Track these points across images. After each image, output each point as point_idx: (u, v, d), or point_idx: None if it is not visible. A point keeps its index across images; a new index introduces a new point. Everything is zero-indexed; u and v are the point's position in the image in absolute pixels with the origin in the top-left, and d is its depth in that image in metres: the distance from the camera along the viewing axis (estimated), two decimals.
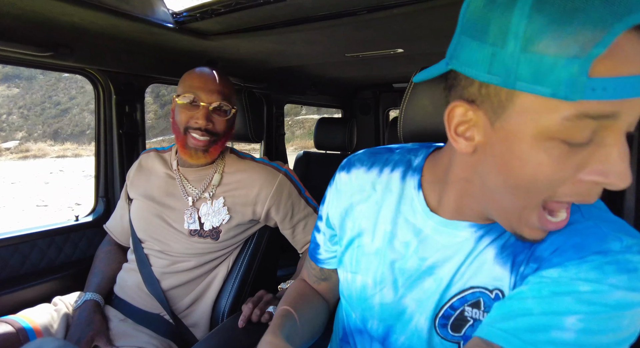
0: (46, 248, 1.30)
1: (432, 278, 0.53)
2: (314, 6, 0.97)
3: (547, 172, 0.38)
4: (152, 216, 1.12)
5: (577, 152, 0.37)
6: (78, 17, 0.95)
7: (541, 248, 0.45)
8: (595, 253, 0.41)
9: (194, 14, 1.06)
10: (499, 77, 0.36)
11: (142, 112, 1.50)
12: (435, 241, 0.53)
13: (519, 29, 0.34)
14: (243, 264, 1.15)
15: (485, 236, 0.50)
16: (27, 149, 17.58)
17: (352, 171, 0.64)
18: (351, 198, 0.63)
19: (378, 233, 0.59)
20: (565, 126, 0.35)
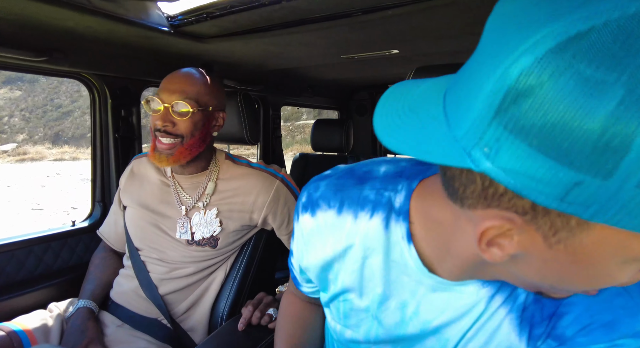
0: (42, 253, 1.29)
1: (437, 338, 0.46)
2: (309, 8, 0.97)
3: (616, 283, 0.32)
4: (147, 224, 1.10)
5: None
6: (72, 21, 0.95)
7: (563, 324, 0.39)
8: (627, 337, 0.36)
9: (189, 17, 1.06)
10: (583, 209, 0.26)
11: (138, 117, 1.50)
12: (437, 301, 0.45)
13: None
14: (241, 267, 1.14)
15: (497, 295, 0.43)
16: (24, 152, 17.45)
17: (318, 213, 0.51)
18: (324, 250, 0.51)
19: (367, 293, 0.49)
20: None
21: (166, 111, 0.98)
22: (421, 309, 0.46)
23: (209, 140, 1.07)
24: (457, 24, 1.08)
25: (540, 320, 0.41)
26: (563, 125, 0.23)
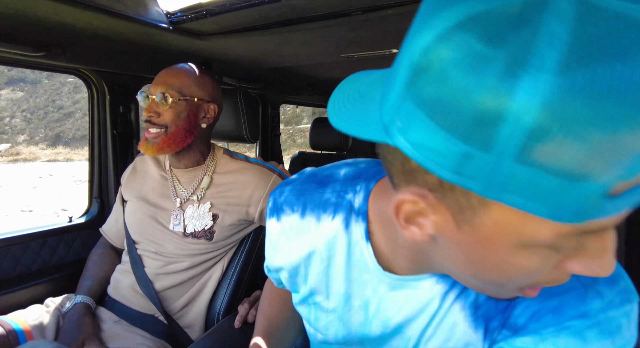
0: (39, 249, 1.28)
1: (400, 337, 0.47)
2: (308, 7, 0.97)
3: (525, 273, 0.33)
4: (145, 217, 1.11)
5: (562, 252, 0.31)
6: (71, 17, 0.95)
7: (516, 314, 0.40)
8: (574, 318, 0.37)
9: (188, 14, 1.05)
10: (474, 183, 0.27)
11: (136, 113, 1.50)
12: (396, 299, 0.46)
13: (518, 133, 0.23)
14: (238, 264, 1.14)
15: (451, 292, 0.44)
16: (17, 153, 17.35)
17: (283, 218, 0.53)
18: (291, 254, 0.52)
19: (332, 294, 0.50)
20: (557, 240, 0.29)
21: (152, 102, 1.03)
22: (382, 307, 0.47)
23: (197, 132, 1.08)
24: None
25: (494, 314, 0.42)
26: (453, 97, 0.25)
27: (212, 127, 1.14)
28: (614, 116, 0.22)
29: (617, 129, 0.22)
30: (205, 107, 1.08)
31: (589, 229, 0.28)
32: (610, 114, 0.22)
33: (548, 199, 0.25)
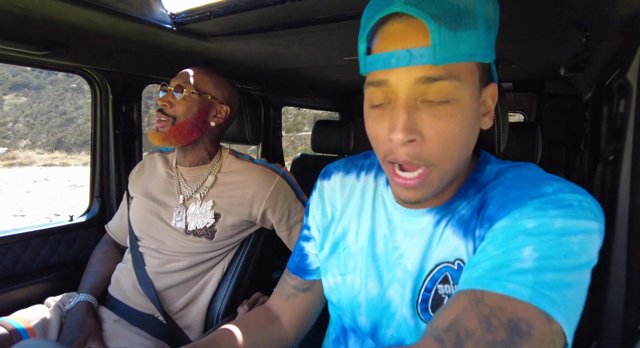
0: (40, 248, 1.29)
1: (401, 268, 0.58)
2: (312, 9, 0.97)
3: (372, 132, 0.50)
4: (149, 213, 1.12)
5: (384, 115, 0.48)
6: (75, 16, 0.95)
7: (489, 209, 0.50)
8: (533, 198, 0.45)
9: (192, 15, 1.06)
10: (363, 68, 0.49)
11: (139, 113, 1.50)
12: (402, 230, 0.59)
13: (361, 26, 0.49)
14: (239, 266, 1.14)
15: (442, 220, 0.56)
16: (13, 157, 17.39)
17: (332, 177, 0.70)
18: (334, 202, 0.68)
19: (362, 231, 0.63)
20: (367, 92, 0.48)
21: (168, 92, 1.07)
22: (390, 237, 0.60)
23: (205, 128, 1.10)
24: None
25: (471, 217, 0.52)
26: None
27: (223, 129, 1.16)
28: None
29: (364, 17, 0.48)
30: (218, 107, 1.11)
31: (371, 81, 0.47)
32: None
33: (360, 62, 0.48)
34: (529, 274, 0.41)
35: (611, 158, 0.75)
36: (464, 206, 0.54)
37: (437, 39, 0.42)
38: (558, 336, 0.39)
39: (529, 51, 1.35)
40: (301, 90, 2.28)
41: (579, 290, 0.42)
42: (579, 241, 0.42)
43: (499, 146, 0.71)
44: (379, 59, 0.45)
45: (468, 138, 0.48)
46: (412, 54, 0.43)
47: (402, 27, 0.44)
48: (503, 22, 1.04)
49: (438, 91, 0.44)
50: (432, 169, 0.48)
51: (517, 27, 1.07)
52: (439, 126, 0.45)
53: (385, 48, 0.45)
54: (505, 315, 0.39)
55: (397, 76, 0.44)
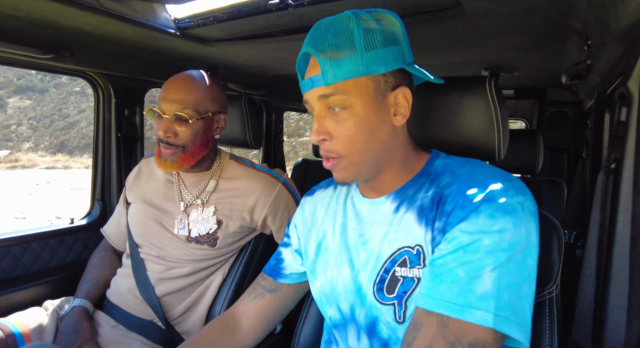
0: (40, 250, 1.28)
1: (365, 251, 0.65)
2: (315, 15, 0.98)
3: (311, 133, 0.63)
4: (149, 220, 1.11)
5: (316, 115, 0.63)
6: (80, 21, 0.96)
7: (446, 205, 0.57)
8: (486, 200, 0.54)
9: (196, 20, 1.07)
10: None
11: (141, 116, 1.50)
12: (369, 219, 0.67)
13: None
14: (238, 271, 1.14)
15: (402, 205, 0.64)
16: (16, 159, 17.36)
17: (315, 193, 0.82)
18: (314, 211, 0.79)
19: (336, 228, 0.72)
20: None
21: (168, 122, 0.99)
22: (358, 227, 0.68)
23: (211, 144, 1.09)
24: (462, 35, 1.09)
25: (431, 209, 0.60)
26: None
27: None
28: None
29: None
30: (217, 118, 1.07)
31: (304, 100, 0.64)
32: None
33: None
34: (490, 299, 0.49)
35: (613, 166, 0.75)
36: (422, 195, 0.63)
37: (323, 67, 0.58)
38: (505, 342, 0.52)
39: (530, 58, 1.36)
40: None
41: (530, 298, 0.52)
42: (524, 249, 0.52)
43: (499, 153, 0.71)
44: (301, 84, 0.63)
45: (369, 134, 0.61)
46: (312, 80, 0.60)
47: (311, 61, 0.62)
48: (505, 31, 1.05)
49: (333, 103, 0.60)
50: (343, 159, 0.62)
51: (520, 36, 1.07)
52: (340, 127, 0.60)
53: (304, 77, 0.63)
54: (466, 339, 0.49)
55: (309, 95, 0.62)
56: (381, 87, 0.60)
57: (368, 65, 0.58)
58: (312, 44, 0.60)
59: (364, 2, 0.87)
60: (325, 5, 0.90)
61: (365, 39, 0.58)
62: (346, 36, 0.58)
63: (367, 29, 0.59)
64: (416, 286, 0.58)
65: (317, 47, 0.59)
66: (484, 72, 1.66)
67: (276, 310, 0.83)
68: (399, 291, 0.59)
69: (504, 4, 0.83)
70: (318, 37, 0.60)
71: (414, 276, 0.58)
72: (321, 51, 0.58)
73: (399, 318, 0.59)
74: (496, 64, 1.55)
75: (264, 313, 0.82)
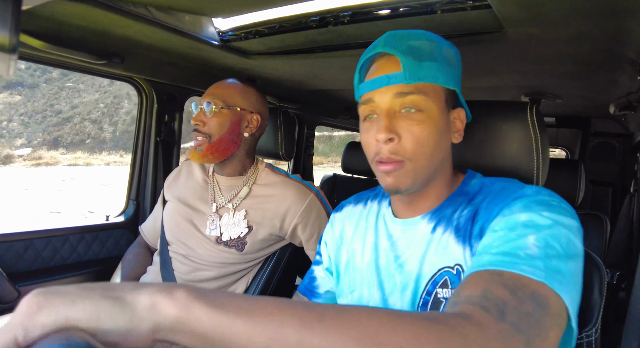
0: (77, 243, 1.35)
1: (402, 274, 0.64)
2: (354, 34, 0.99)
3: (365, 141, 0.63)
4: (182, 219, 1.14)
5: (372, 126, 0.61)
6: (132, 29, 1.02)
7: (480, 217, 0.57)
8: (516, 198, 0.54)
9: (239, 33, 1.11)
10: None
11: (180, 123, 1.57)
12: (404, 240, 0.66)
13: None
14: (261, 281, 1.14)
15: (439, 225, 0.62)
16: (39, 157, 17.92)
17: (343, 209, 0.81)
18: (344, 229, 0.78)
19: (367, 247, 0.71)
20: (360, 111, 0.63)
21: (200, 111, 1.08)
22: (392, 249, 0.67)
23: (240, 141, 1.11)
24: (502, 60, 1.07)
25: (465, 224, 0.59)
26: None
27: (256, 138, 1.17)
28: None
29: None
30: (249, 117, 1.11)
31: (361, 100, 0.62)
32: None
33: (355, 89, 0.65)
34: (538, 260, 0.46)
35: None
36: (458, 214, 0.62)
37: (406, 65, 0.57)
38: (565, 315, 0.44)
39: (575, 87, 1.30)
40: (336, 111, 2.31)
41: (578, 276, 0.48)
42: (567, 234, 0.50)
43: (538, 181, 0.68)
44: (367, 84, 0.61)
45: (438, 141, 0.60)
46: (388, 77, 0.59)
47: (383, 62, 0.61)
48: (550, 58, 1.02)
49: (410, 102, 0.58)
50: (407, 163, 0.59)
51: (565, 63, 1.04)
52: (412, 128, 0.58)
53: (370, 77, 0.61)
54: (527, 290, 0.43)
55: (379, 93, 0.60)
56: (448, 101, 0.61)
57: (446, 77, 0.59)
58: (390, 45, 0.59)
59: (405, 22, 0.87)
60: (364, 25, 0.91)
61: (445, 52, 0.60)
62: (428, 46, 0.59)
63: (445, 46, 0.61)
64: None
65: (398, 48, 0.58)
66: (524, 98, 1.60)
67: None
68: None
69: (550, 30, 0.81)
70: (397, 41, 0.59)
71: None
72: (403, 52, 0.58)
73: None
74: (538, 90, 1.49)
75: None
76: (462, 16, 0.80)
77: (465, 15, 0.80)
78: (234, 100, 1.09)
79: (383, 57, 0.61)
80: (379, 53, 0.61)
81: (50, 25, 0.98)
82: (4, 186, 11.74)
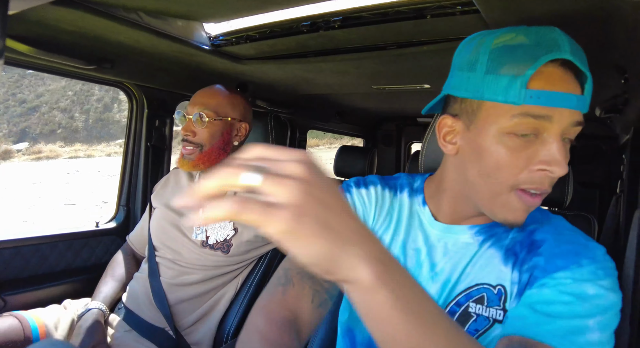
0: (65, 250, 1.32)
1: (436, 283, 0.60)
2: (345, 39, 1.00)
3: (506, 160, 0.51)
4: (168, 224, 1.14)
5: (527, 146, 0.50)
6: (123, 35, 1.02)
7: (537, 258, 0.53)
8: (587, 258, 0.51)
9: (230, 38, 1.11)
10: (472, 93, 0.52)
11: (170, 128, 1.56)
12: (442, 247, 0.61)
13: (483, 60, 0.51)
14: (253, 284, 1.13)
15: (487, 241, 0.59)
16: (39, 151, 17.42)
17: (370, 188, 0.72)
18: (372, 210, 0.70)
19: (395, 243, 0.66)
20: (514, 122, 0.49)
21: (189, 121, 1.09)
22: (430, 254, 0.62)
23: (229, 149, 1.13)
24: None
25: (521, 250, 0.56)
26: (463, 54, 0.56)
27: (243, 145, 1.18)
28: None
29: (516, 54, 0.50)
30: (238, 126, 1.14)
31: (529, 112, 0.49)
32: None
33: (501, 91, 0.49)
34: (596, 346, 0.46)
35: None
36: (511, 235, 0.58)
37: (588, 90, 0.50)
38: None
39: None
40: (328, 115, 2.32)
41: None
42: (614, 310, 0.49)
43: None
44: (547, 95, 0.48)
45: None
46: (577, 98, 0.49)
47: (563, 73, 0.49)
48: None
49: (574, 133, 0.52)
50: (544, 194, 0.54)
51: None
52: (567, 161, 0.51)
53: (551, 87, 0.48)
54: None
55: (560, 114, 0.49)
56: None
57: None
58: (578, 58, 0.49)
59: (395, 27, 0.88)
60: (354, 30, 0.92)
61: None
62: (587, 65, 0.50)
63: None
64: (490, 327, 0.54)
65: (584, 64, 0.49)
66: None
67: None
68: (469, 328, 0.55)
69: None
70: (582, 55, 0.50)
71: (490, 316, 0.54)
72: (588, 72, 0.49)
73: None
74: None
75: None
76: (451, 21, 0.82)
77: (455, 20, 0.81)
78: (225, 110, 1.11)
79: (562, 66, 0.49)
80: (554, 59, 0.48)
81: (38, 30, 0.96)
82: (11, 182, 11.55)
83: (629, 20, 0.66)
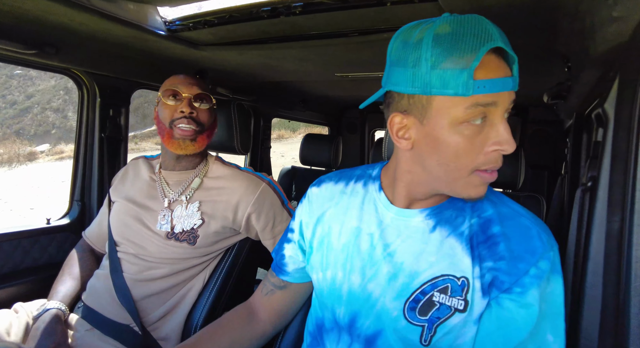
0: (11, 251, 1.24)
1: (390, 264, 0.64)
2: (307, 25, 0.99)
3: (464, 148, 0.54)
4: (130, 218, 1.10)
5: (479, 131, 0.54)
6: (67, 17, 0.95)
7: (500, 249, 0.59)
8: (543, 259, 0.57)
9: (187, 23, 1.06)
10: (419, 89, 0.54)
11: (126, 117, 1.48)
12: (394, 228, 0.65)
13: (427, 56, 0.52)
14: (220, 276, 1.12)
15: (439, 227, 0.63)
16: (61, 151, 17.08)
17: (322, 185, 0.78)
18: (322, 206, 0.75)
19: (345, 230, 0.70)
20: (466, 112, 0.53)
21: (188, 100, 1.05)
22: (382, 236, 0.66)
23: (212, 136, 1.15)
24: None
25: (477, 243, 0.60)
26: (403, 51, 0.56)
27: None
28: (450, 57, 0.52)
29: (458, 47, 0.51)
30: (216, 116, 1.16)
31: (478, 102, 0.52)
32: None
33: (449, 84, 0.52)
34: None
35: (589, 184, 0.78)
36: (464, 222, 0.62)
37: (516, 70, 0.55)
38: None
39: None
40: (292, 103, 2.30)
41: None
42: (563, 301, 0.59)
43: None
44: (491, 83, 0.52)
45: None
46: (512, 80, 0.54)
47: (497, 60, 0.54)
48: None
49: (510, 109, 0.56)
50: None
51: None
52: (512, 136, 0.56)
53: (492, 75, 0.52)
54: None
55: (503, 97, 0.54)
56: None
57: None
58: (505, 43, 0.53)
59: (357, 14, 0.88)
60: (317, 16, 0.91)
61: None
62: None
63: None
64: (451, 316, 0.58)
65: (509, 47, 0.54)
66: None
67: (288, 306, 0.84)
68: (432, 316, 0.59)
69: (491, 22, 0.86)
70: (503, 36, 0.53)
71: (452, 305, 0.58)
72: (514, 54, 0.54)
73: (425, 341, 0.59)
74: None
75: (276, 308, 0.83)
76: (410, 8, 0.83)
77: (414, 7, 0.82)
78: (212, 97, 1.12)
79: (495, 53, 0.53)
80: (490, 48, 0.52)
81: None
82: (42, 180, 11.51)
83: (570, 8, 0.70)
